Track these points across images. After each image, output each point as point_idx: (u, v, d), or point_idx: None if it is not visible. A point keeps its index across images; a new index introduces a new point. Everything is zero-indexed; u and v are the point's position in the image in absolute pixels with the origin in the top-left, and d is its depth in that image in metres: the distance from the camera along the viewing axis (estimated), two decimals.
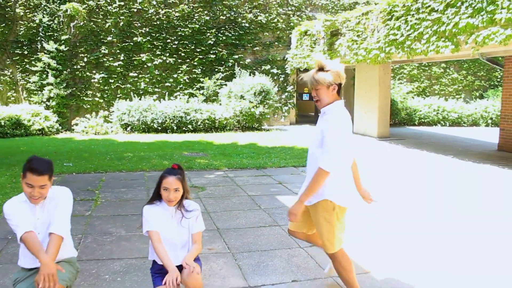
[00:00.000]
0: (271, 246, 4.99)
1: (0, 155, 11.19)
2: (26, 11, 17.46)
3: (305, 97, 21.02)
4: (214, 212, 6.26)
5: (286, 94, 19.47)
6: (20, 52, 17.49)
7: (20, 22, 17.46)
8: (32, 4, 17.46)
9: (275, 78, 18.98)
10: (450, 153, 11.69)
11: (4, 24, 17.27)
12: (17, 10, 17.39)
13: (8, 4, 17.26)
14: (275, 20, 19.29)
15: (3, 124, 15.43)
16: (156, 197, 3.39)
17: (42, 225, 3.14)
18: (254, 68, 18.89)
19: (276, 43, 19.39)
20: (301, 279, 4.12)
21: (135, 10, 18.05)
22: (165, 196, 3.28)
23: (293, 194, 7.18)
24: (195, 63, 18.34)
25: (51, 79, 17.20)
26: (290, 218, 3.47)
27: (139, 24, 18.10)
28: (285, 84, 19.47)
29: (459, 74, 21.99)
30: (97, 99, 17.70)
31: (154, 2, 18.17)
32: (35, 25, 17.49)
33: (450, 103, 20.32)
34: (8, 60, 17.52)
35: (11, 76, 17.57)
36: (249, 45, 19.00)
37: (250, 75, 17.82)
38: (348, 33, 13.69)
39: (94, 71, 17.82)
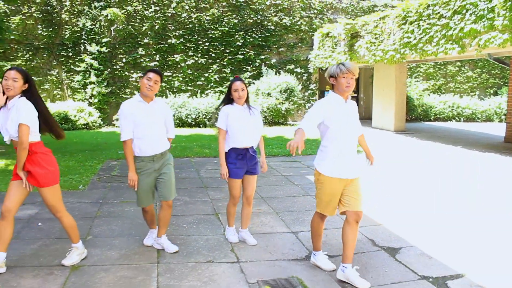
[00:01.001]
0: (305, 208, 6.40)
1: (59, 146, 12.73)
2: (71, 16, 19.08)
3: (327, 94, 22.30)
4: (257, 186, 7.67)
5: (309, 91, 20.81)
6: (65, 54, 19.12)
7: (65, 26, 19.10)
8: (76, 10, 19.08)
9: (299, 77, 20.33)
10: (459, 144, 12.95)
11: (51, 29, 18.94)
12: (63, 16, 19.04)
13: (55, 10, 18.92)
14: (299, 22, 20.63)
15: None
16: (227, 102, 4.77)
17: (153, 122, 4.50)
18: (279, 67, 20.27)
19: (299, 44, 20.73)
20: (330, 227, 5.49)
21: (170, 14, 19.56)
22: (236, 96, 4.68)
23: None
24: (225, 63, 19.79)
25: (93, 78, 18.80)
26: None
27: (173, 27, 19.60)
28: (308, 83, 20.80)
29: (474, 72, 23.05)
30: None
31: (187, 7, 19.65)
32: (78, 29, 19.10)
33: (465, 100, 21.44)
34: (54, 61, 19.18)
35: (57, 75, 19.22)
36: (274, 46, 20.38)
37: (275, 74, 19.23)
38: (367, 36, 15.00)
39: (132, 71, 19.38)
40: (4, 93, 3.96)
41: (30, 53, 18.96)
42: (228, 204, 5.00)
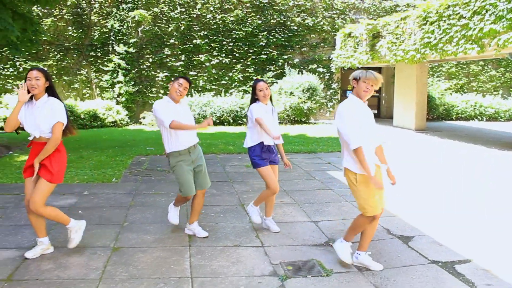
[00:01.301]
0: (325, 200, 6.79)
1: (90, 142, 13.34)
2: (100, 18, 19.74)
3: (349, 93, 22.53)
4: (280, 180, 8.03)
5: (331, 91, 21.12)
6: (94, 54, 19.80)
7: (94, 27, 19.77)
8: (105, 11, 19.73)
9: (321, 76, 20.65)
10: (479, 143, 13.15)
11: (81, 30, 19.63)
12: (92, 17, 19.71)
13: (85, 12, 19.61)
14: (321, 23, 20.96)
15: (82, 117, 17.73)
16: (253, 102, 5.18)
17: (183, 118, 4.91)
18: (302, 67, 20.63)
19: (322, 44, 21.06)
20: (348, 218, 5.86)
21: (195, 15, 20.09)
22: (261, 95, 5.09)
23: (340, 170, 8.89)
24: (248, 63, 20.23)
25: (121, 78, 19.42)
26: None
27: (198, 28, 20.11)
28: (330, 82, 21.11)
29: (497, 71, 23.05)
30: (160, 95, 19.80)
31: (212, 8, 20.15)
32: (107, 30, 19.74)
33: (488, 99, 21.50)
34: (84, 61, 19.87)
35: (86, 75, 19.91)
36: (297, 46, 20.74)
37: (298, 73, 19.60)
38: (388, 36, 15.27)
39: (158, 71, 19.95)
40: (28, 92, 4.31)
41: (61, 53, 19.67)
42: (266, 192, 5.29)
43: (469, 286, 3.94)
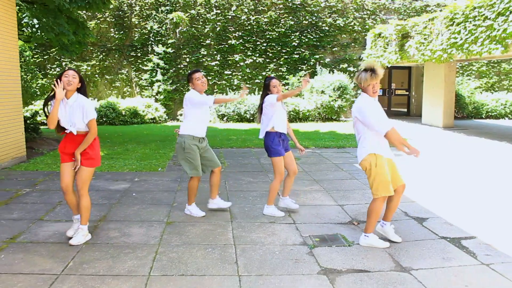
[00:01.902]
0: (351, 188, 7.50)
1: (133, 137, 14.32)
2: (140, 20, 20.82)
3: (379, 92, 23.02)
4: (310, 171, 8.85)
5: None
6: (134, 55, 20.89)
7: (135, 29, 20.86)
8: (145, 14, 20.80)
9: (352, 75, 21.21)
10: (505, 140, 13.58)
11: (122, 32, 20.75)
12: (133, 20, 20.81)
13: (126, 15, 20.71)
14: (352, 23, 21.54)
15: (124, 114, 18.81)
16: (265, 96, 5.87)
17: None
18: (333, 66, 21.27)
19: (352, 44, 21.65)
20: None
21: (230, 17, 20.96)
22: (275, 91, 5.81)
23: None
24: (281, 62, 21.00)
25: (159, 77, 20.47)
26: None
27: (233, 29, 20.98)
28: None
29: None
30: None
31: (246, 10, 20.98)
32: (146, 31, 20.81)
33: None
34: (124, 61, 20.99)
35: (127, 74, 21.03)
36: (328, 46, 21.39)
37: (329, 72, 20.27)
38: (417, 36, 15.79)
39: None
40: (63, 88, 4.76)
41: (103, 54, 20.84)
42: (274, 184, 5.96)
43: (471, 256, 4.62)
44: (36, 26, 10.72)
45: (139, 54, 20.92)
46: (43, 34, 10.59)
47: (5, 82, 9.52)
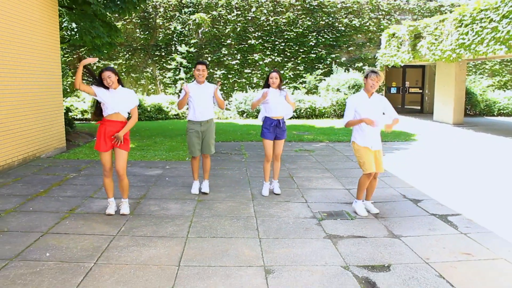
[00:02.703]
0: (358, 176, 8.36)
1: (159, 131, 15.37)
2: (164, 21, 21.90)
3: (393, 90, 23.81)
4: (323, 162, 9.78)
5: None
6: (158, 54, 21.98)
7: (159, 30, 21.95)
8: (168, 15, 21.87)
9: None
10: (511, 135, 14.31)
11: (147, 32, 21.85)
12: (157, 21, 21.89)
13: (151, 16, 21.81)
14: (367, 23, 22.35)
15: (149, 110, 19.91)
16: (266, 87, 6.81)
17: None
18: (349, 65, 22.11)
19: (367, 43, 22.46)
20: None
21: (250, 18, 21.93)
22: (272, 82, 6.72)
23: None
24: (299, 61, 21.92)
25: (182, 75, 21.52)
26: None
27: (252, 29, 21.94)
28: None
29: None
30: (218, 91, 21.74)
31: (265, 11, 21.93)
32: (170, 32, 21.88)
33: None
34: (149, 60, 22.09)
35: (151, 72, 22.13)
36: (344, 45, 22.24)
37: (345, 71, 21.13)
38: (428, 36, 16.58)
39: (216, 68, 21.92)
40: (106, 87, 5.73)
41: (129, 53, 21.97)
42: (263, 163, 7.03)
43: (453, 228, 5.52)
44: (75, 29, 11.81)
45: (163, 54, 22.00)
46: (82, 37, 11.66)
47: (49, 80, 10.62)
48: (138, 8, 12.42)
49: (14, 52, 9.04)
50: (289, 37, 21.95)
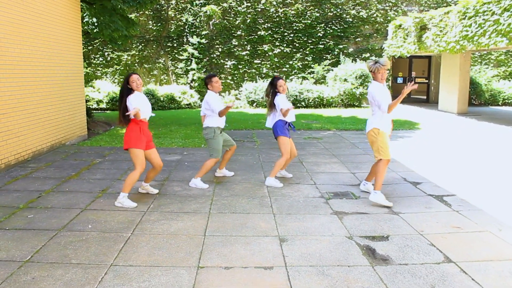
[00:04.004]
0: (363, 161, 9.05)
1: (173, 120, 16.03)
2: (176, 13, 22.50)
3: (399, 80, 24.30)
4: (330, 148, 10.42)
5: None
6: (170, 45, 22.61)
7: (171, 21, 22.56)
8: (180, 7, 22.46)
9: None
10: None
11: (159, 24, 22.47)
12: (170, 13, 22.50)
13: (163, 8, 22.42)
14: (375, 15, 22.82)
15: (162, 100, 20.58)
16: (275, 95, 7.25)
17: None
18: (356, 56, 22.63)
19: (375, 34, 22.94)
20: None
21: (259, 9, 22.47)
22: (282, 89, 7.19)
23: None
24: (307, 52, 22.46)
25: (194, 66, 22.15)
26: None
27: (262, 21, 22.49)
28: None
29: None
30: (228, 81, 22.43)
31: (274, 3, 22.45)
32: (182, 23, 22.48)
33: None
34: (162, 51, 22.73)
35: (163, 63, 22.77)
36: (352, 36, 22.74)
37: (352, 62, 21.67)
38: (433, 28, 17.07)
39: (226, 59, 22.53)
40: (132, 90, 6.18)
41: (142, 44, 22.62)
42: (281, 160, 7.26)
43: (447, 206, 6.14)
44: (96, 24, 12.47)
45: (175, 45, 22.62)
46: (102, 30, 12.32)
47: (72, 71, 11.30)
48: (153, 1, 13.03)
49: (45, 47, 9.71)
50: (297, 28, 22.48)
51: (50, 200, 6.21)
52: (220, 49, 22.53)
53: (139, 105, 5.88)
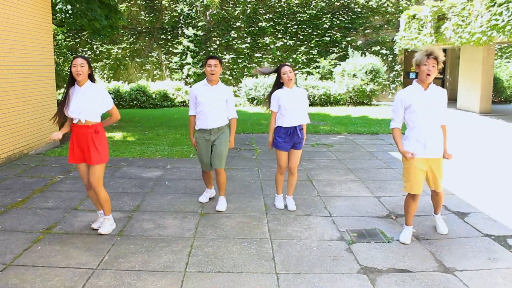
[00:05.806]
0: (387, 178, 7.31)
1: (163, 121, 14.32)
2: (170, 2, 20.75)
3: (412, 75, 22.50)
4: (344, 159, 8.68)
5: (394, 73, 21.21)
6: (164, 37, 20.89)
7: (165, 12, 20.82)
8: None
9: (384, 58, 20.78)
10: None
11: (152, 14, 20.73)
12: (163, 2, 20.74)
13: None
14: (385, 4, 21.00)
15: (154, 97, 18.85)
16: (277, 87, 5.57)
17: (215, 100, 5.56)
18: (365, 49, 20.83)
19: (385, 26, 21.13)
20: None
21: None
22: (286, 78, 5.43)
23: None
24: (312, 45, 20.68)
25: (189, 60, 20.43)
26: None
27: (263, 11, 20.71)
28: (393, 64, 21.19)
29: None
30: (227, 76, 20.67)
31: None
32: (177, 14, 20.74)
33: None
34: (155, 44, 20.99)
35: (157, 57, 21.05)
36: (360, 28, 20.94)
37: (361, 55, 19.87)
38: (454, 18, 15.27)
39: (225, 52, 20.77)
40: (73, 79, 4.63)
41: (134, 37, 20.91)
42: (276, 174, 5.87)
43: None
44: (70, 11, 10.72)
45: (169, 37, 20.90)
46: (76, 19, 10.57)
47: (39, 68, 9.57)
48: None
49: (0, 38, 7.99)
50: (302, 19, 20.68)
51: None
52: (217, 42, 20.77)
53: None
